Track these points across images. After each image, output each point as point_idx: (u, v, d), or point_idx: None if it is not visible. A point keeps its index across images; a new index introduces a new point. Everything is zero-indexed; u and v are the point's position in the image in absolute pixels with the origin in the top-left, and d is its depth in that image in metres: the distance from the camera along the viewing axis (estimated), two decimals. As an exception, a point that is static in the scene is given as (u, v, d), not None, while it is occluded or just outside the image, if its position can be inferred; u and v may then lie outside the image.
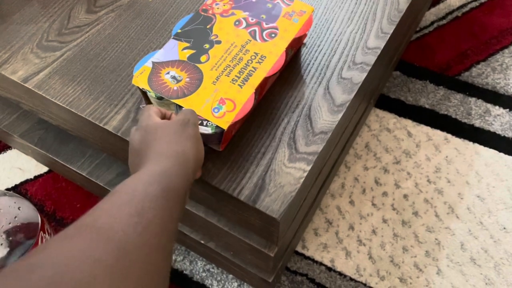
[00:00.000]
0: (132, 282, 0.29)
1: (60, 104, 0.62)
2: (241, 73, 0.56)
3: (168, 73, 0.56)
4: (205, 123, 0.53)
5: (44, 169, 0.92)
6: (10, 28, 0.70)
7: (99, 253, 0.28)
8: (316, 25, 0.69)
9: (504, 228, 0.83)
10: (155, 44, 0.68)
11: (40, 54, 0.67)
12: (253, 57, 0.57)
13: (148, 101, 0.58)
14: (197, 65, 0.56)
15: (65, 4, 0.73)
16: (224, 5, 0.62)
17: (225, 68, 0.56)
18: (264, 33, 0.60)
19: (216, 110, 0.53)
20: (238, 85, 0.55)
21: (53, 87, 0.63)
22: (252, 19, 0.61)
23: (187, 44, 0.58)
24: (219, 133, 0.53)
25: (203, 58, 0.57)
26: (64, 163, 0.80)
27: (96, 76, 0.64)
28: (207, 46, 0.58)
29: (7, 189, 0.89)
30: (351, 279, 0.79)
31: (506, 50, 1.08)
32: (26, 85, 0.64)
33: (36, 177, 0.91)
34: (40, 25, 0.71)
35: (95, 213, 0.33)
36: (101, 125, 0.60)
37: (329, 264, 0.80)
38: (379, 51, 0.65)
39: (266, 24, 0.60)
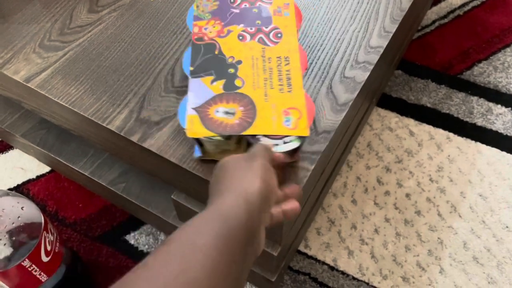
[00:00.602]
0: None
1: (63, 104, 0.62)
2: (281, 80, 0.55)
3: (217, 111, 0.52)
4: (283, 140, 0.51)
5: (46, 168, 0.92)
6: (12, 27, 0.70)
7: None
8: (319, 24, 0.69)
9: (507, 227, 0.83)
10: (157, 44, 0.68)
11: (42, 54, 0.67)
12: (279, 62, 0.56)
13: (203, 149, 0.55)
14: (238, 91, 0.54)
15: (67, 4, 0.73)
16: (214, 27, 0.60)
17: (265, 83, 0.55)
18: (270, 36, 0.59)
19: (287, 123, 0.51)
20: (287, 92, 0.54)
21: (56, 87, 0.63)
22: (251, 29, 0.60)
23: (212, 77, 0.55)
24: (302, 144, 0.52)
25: (237, 82, 0.55)
26: (66, 162, 0.80)
27: (99, 75, 0.64)
28: (232, 70, 0.56)
29: (10, 189, 0.89)
30: (354, 278, 0.79)
31: (508, 49, 1.08)
32: (28, 85, 0.64)
33: (38, 177, 0.91)
34: (42, 24, 0.71)
35: (138, 272, 0.30)
36: (104, 124, 0.60)
37: (331, 263, 0.80)
38: (382, 50, 0.65)
39: (266, 27, 0.60)
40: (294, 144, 0.51)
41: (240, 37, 0.59)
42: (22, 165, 0.93)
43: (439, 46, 1.09)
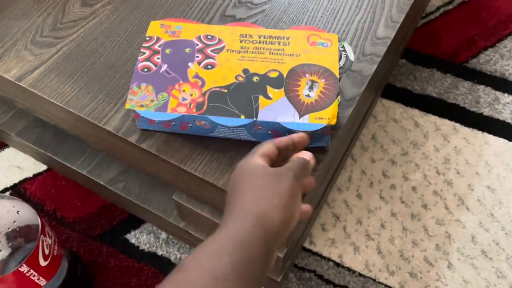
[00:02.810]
0: None
1: (57, 103, 0.59)
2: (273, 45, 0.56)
3: (306, 94, 0.52)
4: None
5: (43, 167, 0.89)
6: (2, 23, 0.67)
7: None
8: (323, 14, 0.66)
9: (516, 220, 0.82)
10: (154, 38, 0.65)
11: (34, 50, 0.64)
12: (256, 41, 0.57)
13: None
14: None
15: (59, -3, 0.70)
16: (184, 91, 0.52)
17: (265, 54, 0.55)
18: (211, 46, 0.56)
19: (323, 45, 0.56)
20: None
21: (49, 86, 0.61)
22: (198, 57, 0.55)
23: (264, 94, 0.53)
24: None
25: (273, 74, 0.54)
26: (63, 161, 0.78)
27: (94, 73, 0.62)
28: (256, 78, 0.53)
29: (6, 189, 0.87)
30: (360, 275, 0.77)
31: (514, 35, 1.05)
32: (20, 84, 0.61)
33: (35, 176, 0.89)
34: (34, 19, 0.68)
35: None
36: (100, 125, 0.57)
37: (337, 260, 0.79)
38: (389, 41, 0.63)
39: (198, 44, 0.56)
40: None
41: (209, 66, 0.54)
42: (19, 163, 0.90)
43: (444, 34, 1.06)
